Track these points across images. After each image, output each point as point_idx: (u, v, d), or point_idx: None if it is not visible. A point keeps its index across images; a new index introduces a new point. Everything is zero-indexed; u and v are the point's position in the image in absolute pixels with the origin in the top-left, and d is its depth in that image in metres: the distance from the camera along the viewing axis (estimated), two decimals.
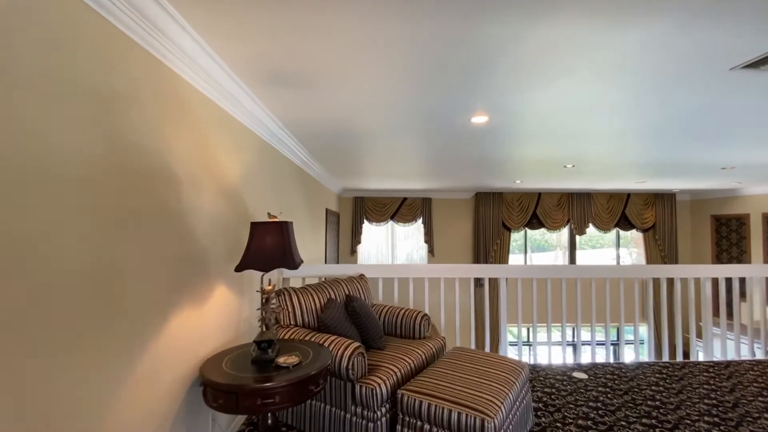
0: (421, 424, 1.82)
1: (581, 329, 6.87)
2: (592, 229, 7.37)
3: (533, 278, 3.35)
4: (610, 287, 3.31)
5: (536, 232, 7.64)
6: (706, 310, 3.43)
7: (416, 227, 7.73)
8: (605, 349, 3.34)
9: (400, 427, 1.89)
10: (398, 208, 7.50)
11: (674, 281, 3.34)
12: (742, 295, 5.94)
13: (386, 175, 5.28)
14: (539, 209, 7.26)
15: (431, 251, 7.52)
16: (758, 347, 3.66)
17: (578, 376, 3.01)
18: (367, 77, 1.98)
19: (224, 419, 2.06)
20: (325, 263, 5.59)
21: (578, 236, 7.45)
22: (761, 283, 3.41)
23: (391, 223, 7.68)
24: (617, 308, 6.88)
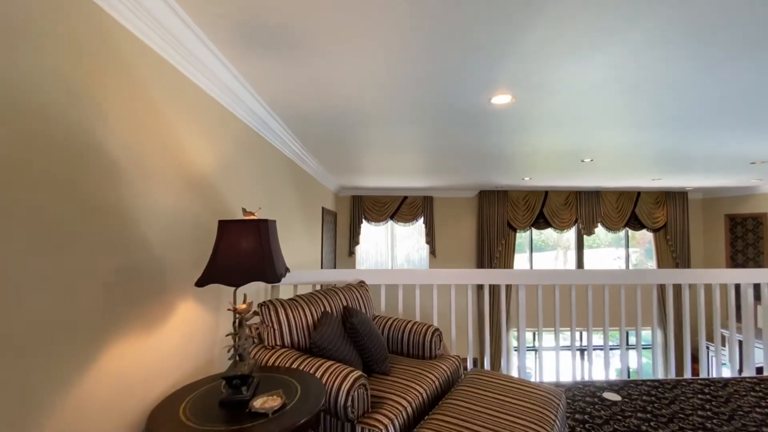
0: None
1: (592, 334, 6.53)
2: (600, 229, 7.02)
3: (555, 284, 2.97)
4: (624, 291, 2.93)
5: (536, 231, 7.28)
6: (731, 317, 3.06)
7: (417, 227, 7.34)
8: (618, 354, 2.97)
9: None
10: (398, 207, 7.11)
11: (697, 287, 2.97)
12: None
13: (386, 171, 4.88)
14: (546, 208, 6.90)
15: (433, 252, 7.14)
16: None
17: (611, 397, 2.62)
18: (367, 41, 1.58)
19: None
20: (321, 266, 5.18)
21: (567, 235, 7.11)
22: None
23: (390, 223, 7.28)
24: (630, 312, 6.54)
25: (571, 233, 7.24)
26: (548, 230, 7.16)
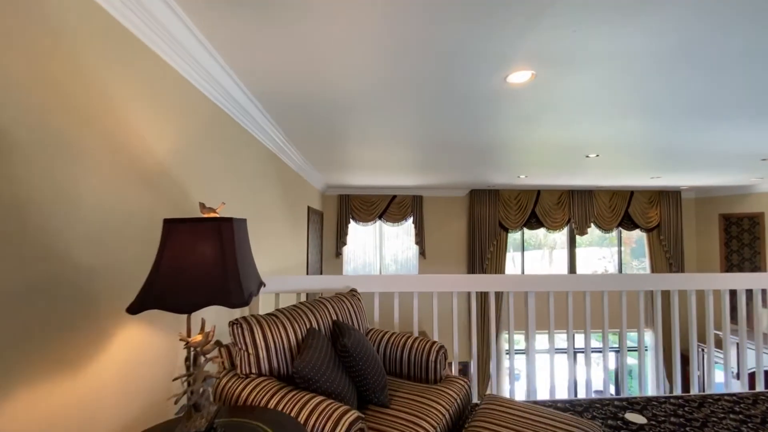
0: None
1: (583, 336, 6.35)
2: (593, 228, 6.86)
3: (568, 291, 2.69)
4: (626, 296, 2.67)
5: (524, 231, 7.07)
6: (725, 318, 2.85)
7: (406, 227, 7.02)
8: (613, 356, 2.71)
9: None
10: (387, 206, 6.76)
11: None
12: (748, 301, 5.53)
13: (375, 168, 4.53)
14: (538, 208, 6.69)
15: (422, 253, 6.83)
16: None
17: (634, 419, 2.35)
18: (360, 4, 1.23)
19: None
20: (307, 269, 4.78)
21: (554, 235, 6.94)
22: None
23: (379, 222, 6.93)
24: (625, 314, 6.39)
25: (557, 233, 7.06)
26: (536, 230, 6.95)
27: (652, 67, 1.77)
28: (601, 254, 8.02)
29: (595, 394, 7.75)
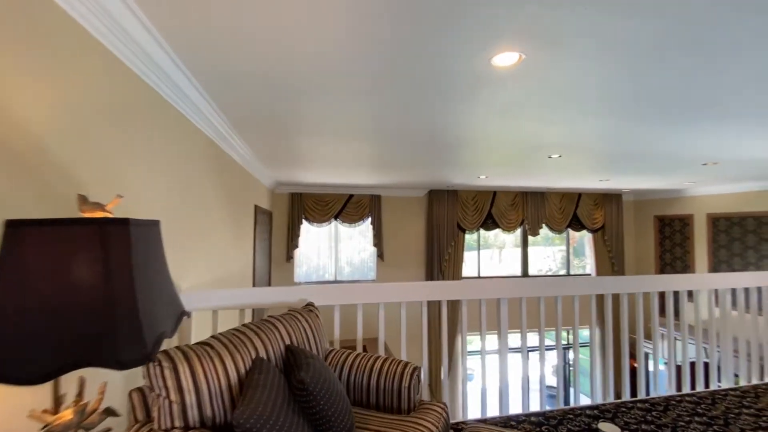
0: None
1: (544, 336, 6.51)
2: (545, 229, 7.08)
3: (541, 297, 2.56)
4: (577, 299, 2.64)
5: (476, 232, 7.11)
6: (669, 316, 2.97)
7: (362, 229, 6.71)
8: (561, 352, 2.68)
9: None
10: (343, 206, 6.40)
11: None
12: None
13: (331, 165, 4.16)
14: (494, 209, 6.75)
15: (381, 256, 6.56)
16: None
17: (605, 429, 2.25)
18: None
19: None
20: (253, 277, 4.27)
21: (503, 236, 7.13)
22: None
23: (334, 223, 6.54)
24: (568, 313, 6.64)
25: (510, 234, 7.20)
26: (492, 231, 7.03)
27: (638, 58, 1.65)
28: (546, 253, 8.39)
29: (547, 390, 8.04)
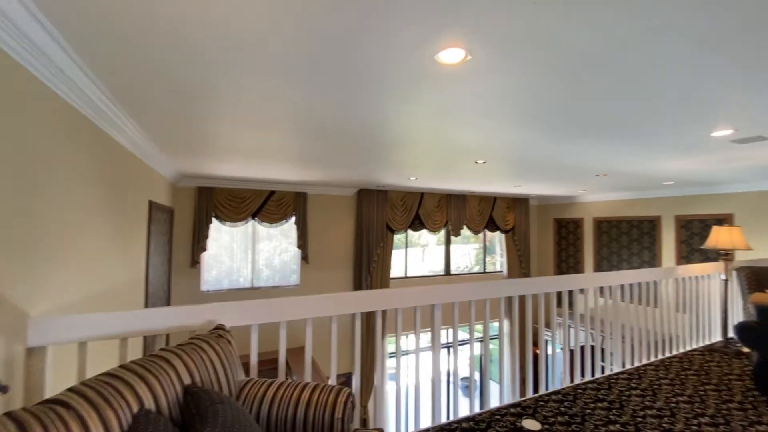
0: None
1: (458, 331, 6.80)
2: (465, 230, 7.45)
3: (471, 300, 2.53)
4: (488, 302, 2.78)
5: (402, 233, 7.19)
6: (564, 306, 3.33)
7: (285, 229, 6.20)
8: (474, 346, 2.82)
9: None
10: (263, 203, 5.82)
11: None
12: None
13: (249, 156, 3.66)
14: (422, 210, 6.86)
15: (305, 258, 6.14)
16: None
17: (530, 426, 2.31)
18: None
19: None
20: (146, 290, 3.53)
21: (427, 236, 7.45)
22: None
23: (252, 222, 5.92)
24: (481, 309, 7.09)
25: (431, 234, 7.43)
26: (412, 231, 7.15)
27: (571, 76, 1.66)
28: (464, 251, 8.95)
29: (462, 381, 8.50)
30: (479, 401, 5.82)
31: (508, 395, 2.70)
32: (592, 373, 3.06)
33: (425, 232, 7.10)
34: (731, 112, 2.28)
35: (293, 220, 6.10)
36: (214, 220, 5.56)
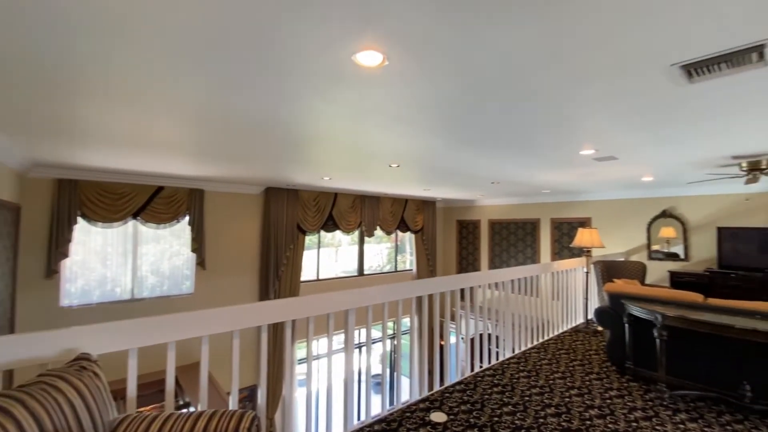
0: None
1: (371, 330, 6.87)
2: (378, 230, 7.60)
3: (384, 303, 2.56)
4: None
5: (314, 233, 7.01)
6: (466, 299, 3.72)
7: (176, 230, 5.45)
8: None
9: None
10: (149, 200, 5.00)
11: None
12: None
13: (129, 144, 3.08)
14: (335, 211, 6.75)
15: (201, 263, 5.48)
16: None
17: (437, 419, 2.43)
18: None
19: None
20: None
21: (339, 236, 7.52)
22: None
23: (134, 222, 5.04)
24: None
25: (344, 235, 7.43)
26: (326, 232, 7.04)
27: (479, 89, 1.79)
28: (376, 251, 9.15)
29: (373, 379, 8.65)
30: (391, 397, 6.00)
31: (417, 390, 2.80)
32: (489, 360, 3.38)
33: (343, 234, 7.03)
34: (594, 136, 2.75)
35: (187, 220, 5.39)
36: (80, 219, 4.57)
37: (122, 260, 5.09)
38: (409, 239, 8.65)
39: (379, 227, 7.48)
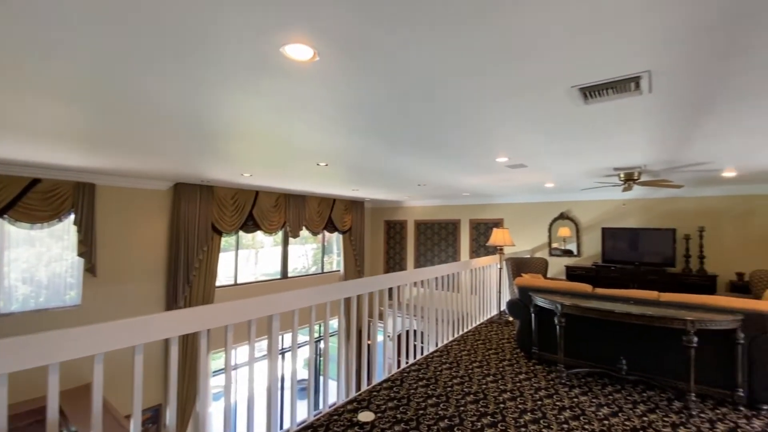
0: None
1: (297, 334, 6.59)
2: (304, 231, 7.35)
3: (312, 306, 2.47)
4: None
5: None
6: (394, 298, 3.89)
7: (57, 230, 4.58)
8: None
9: None
10: (20, 195, 4.11)
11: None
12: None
13: None
14: (256, 210, 6.34)
15: (91, 270, 4.68)
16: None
17: (365, 418, 2.42)
18: None
19: None
20: None
21: (261, 237, 7.21)
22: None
23: (0, 221, 4.10)
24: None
25: (267, 236, 7.06)
26: (245, 233, 6.62)
27: (408, 92, 1.83)
28: (301, 252, 8.86)
29: (299, 384, 8.32)
30: (318, 401, 5.80)
31: (344, 391, 2.75)
32: (414, 355, 3.49)
33: (264, 235, 6.62)
34: (508, 145, 3.02)
35: (72, 218, 4.56)
36: None
37: None
38: (336, 240, 8.54)
39: (305, 228, 7.24)
